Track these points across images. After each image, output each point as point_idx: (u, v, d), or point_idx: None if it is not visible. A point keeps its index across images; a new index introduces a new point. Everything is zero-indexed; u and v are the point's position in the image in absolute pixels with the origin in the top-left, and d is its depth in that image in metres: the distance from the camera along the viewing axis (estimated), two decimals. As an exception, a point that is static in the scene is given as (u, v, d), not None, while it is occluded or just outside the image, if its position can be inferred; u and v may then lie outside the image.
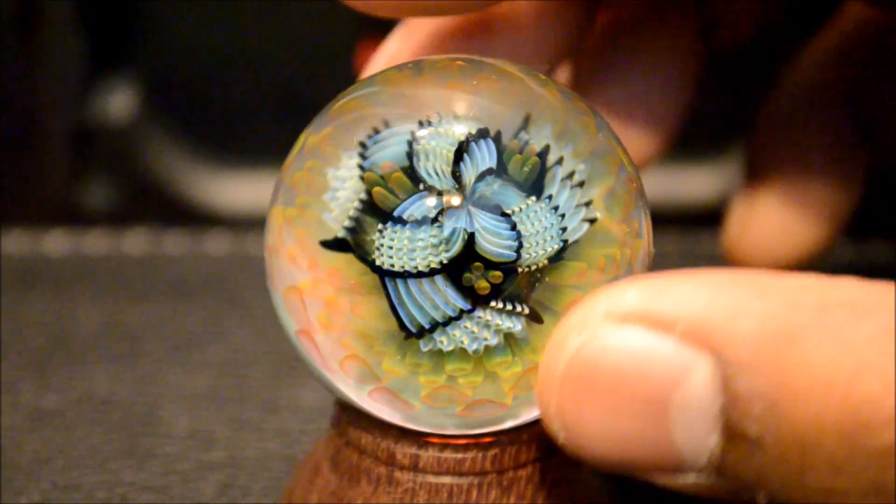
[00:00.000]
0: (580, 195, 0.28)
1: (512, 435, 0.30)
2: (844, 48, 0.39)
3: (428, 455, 0.29)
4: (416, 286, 0.28)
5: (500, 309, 0.28)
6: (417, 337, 0.28)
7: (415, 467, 0.29)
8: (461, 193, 0.28)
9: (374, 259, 0.28)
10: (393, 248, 0.28)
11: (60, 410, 0.38)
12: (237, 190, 0.57)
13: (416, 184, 0.28)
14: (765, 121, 0.40)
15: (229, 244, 0.48)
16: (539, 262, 0.28)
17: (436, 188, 0.27)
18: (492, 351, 0.28)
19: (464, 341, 0.28)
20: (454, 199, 0.28)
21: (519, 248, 0.27)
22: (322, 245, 0.28)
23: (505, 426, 0.29)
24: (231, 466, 0.36)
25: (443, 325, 0.28)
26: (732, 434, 0.25)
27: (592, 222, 0.28)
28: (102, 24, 0.55)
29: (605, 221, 0.28)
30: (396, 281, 0.28)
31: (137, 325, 0.43)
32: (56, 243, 0.48)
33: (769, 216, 0.38)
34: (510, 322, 0.28)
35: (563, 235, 0.28)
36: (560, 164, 0.28)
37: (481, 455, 0.29)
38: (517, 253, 0.27)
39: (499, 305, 0.28)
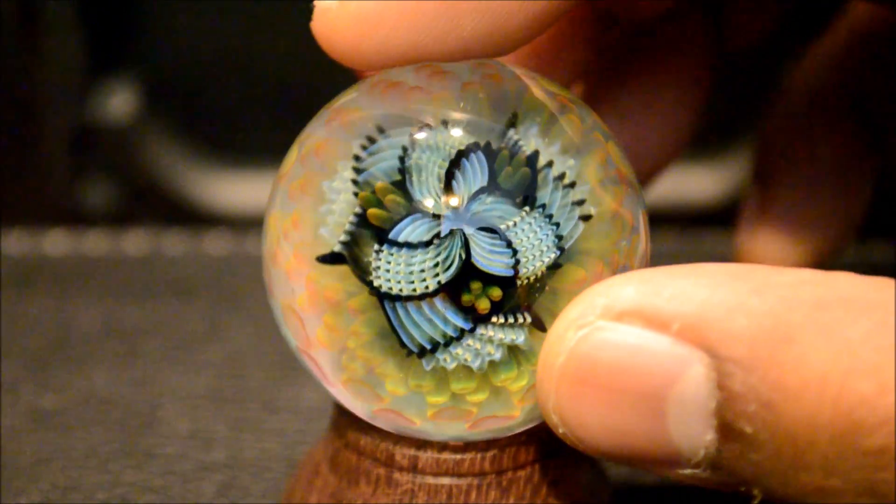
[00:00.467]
0: (572, 195, 0.28)
1: (511, 436, 0.30)
2: (849, 52, 0.39)
3: (427, 456, 0.29)
4: (416, 308, 0.28)
5: (502, 323, 0.28)
6: (419, 356, 0.28)
7: (414, 468, 0.29)
8: (455, 213, 0.27)
9: (372, 280, 0.28)
10: (390, 272, 0.27)
11: (60, 410, 0.38)
12: (237, 190, 0.57)
13: (411, 202, 0.28)
14: (772, 127, 0.40)
15: (229, 244, 0.48)
16: (538, 273, 0.28)
17: (430, 209, 0.27)
18: (497, 366, 0.28)
19: (467, 359, 0.28)
20: (448, 220, 0.27)
21: (516, 264, 0.27)
22: (318, 260, 0.28)
23: (512, 433, 0.29)
24: (231, 467, 0.36)
25: (444, 346, 0.28)
26: (728, 431, 0.25)
27: (587, 219, 0.28)
28: (102, 24, 0.55)
29: (599, 216, 0.28)
30: (395, 303, 0.28)
31: (137, 325, 0.43)
32: (56, 243, 0.48)
33: (780, 223, 0.38)
34: (513, 334, 0.28)
35: (560, 243, 0.28)
36: (550, 168, 0.28)
37: (480, 456, 0.29)
38: (514, 269, 0.27)
39: (500, 320, 0.28)
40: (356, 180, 0.28)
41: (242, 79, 0.56)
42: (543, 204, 0.28)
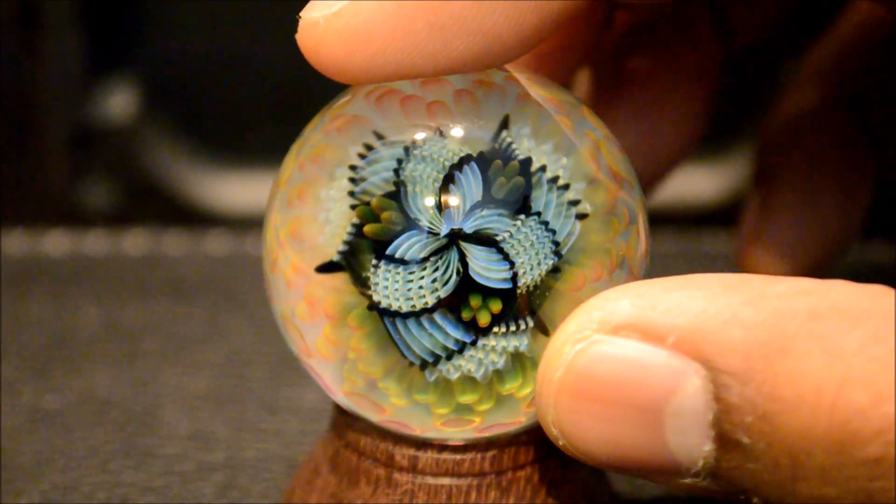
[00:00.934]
0: (566, 196, 0.28)
1: (511, 436, 0.30)
2: (848, 55, 0.39)
3: (427, 456, 0.29)
4: (416, 323, 0.28)
5: (504, 332, 0.28)
6: (421, 368, 0.28)
7: (414, 468, 0.29)
8: (451, 229, 0.27)
9: (371, 295, 0.28)
10: (388, 288, 0.27)
11: (60, 410, 0.38)
12: (237, 190, 0.57)
13: (407, 217, 0.27)
14: (772, 130, 0.40)
15: (229, 244, 0.48)
16: (538, 280, 0.28)
17: (425, 225, 0.27)
18: (501, 374, 0.28)
19: (470, 369, 0.28)
20: (444, 236, 0.27)
21: (514, 276, 0.27)
22: (317, 270, 0.28)
23: (517, 431, 0.29)
24: (231, 467, 0.36)
25: (446, 358, 0.28)
26: (726, 441, 0.25)
27: (582, 218, 0.28)
28: (102, 24, 0.55)
29: (594, 214, 0.28)
30: (395, 319, 0.28)
31: (137, 325, 0.43)
32: (56, 243, 0.48)
33: (781, 227, 0.38)
34: (515, 341, 0.28)
35: (557, 249, 0.28)
36: (544, 171, 0.28)
37: (480, 456, 0.29)
38: (513, 280, 0.27)
39: (502, 330, 0.28)
40: (353, 192, 0.28)
41: (242, 79, 0.56)
42: (539, 211, 0.28)
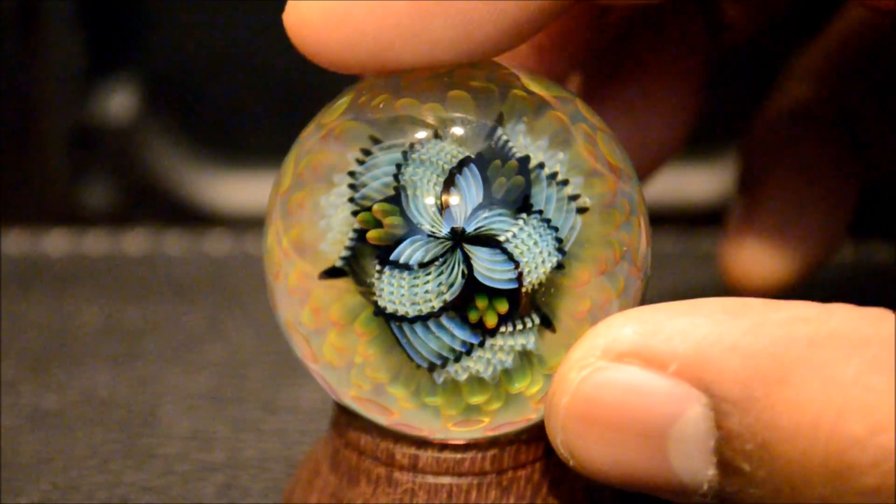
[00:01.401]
0: (566, 191, 0.28)
1: (511, 435, 0.30)
2: (834, 59, 0.39)
3: (427, 455, 0.29)
4: (423, 327, 0.28)
5: (511, 332, 0.28)
6: (429, 370, 0.28)
7: (414, 468, 0.29)
8: (453, 232, 0.27)
9: (377, 300, 0.28)
10: (394, 294, 0.27)
11: (60, 410, 0.38)
12: (237, 190, 0.57)
13: (409, 221, 0.27)
14: (758, 137, 0.40)
15: (229, 244, 0.48)
16: (542, 278, 0.28)
17: (428, 229, 0.27)
18: (510, 373, 0.28)
19: (479, 370, 0.28)
20: (447, 239, 0.27)
21: (519, 276, 0.27)
22: (321, 276, 0.28)
23: (524, 427, 0.29)
24: (231, 467, 0.36)
25: (454, 360, 0.28)
26: (728, 467, 0.26)
27: (583, 212, 0.28)
28: (102, 24, 0.55)
29: (595, 207, 0.28)
30: (402, 324, 0.28)
31: (137, 325, 0.43)
32: (56, 243, 0.48)
33: (766, 233, 0.38)
34: (523, 339, 0.28)
35: (560, 245, 0.28)
36: (542, 168, 0.28)
37: (480, 455, 0.29)
38: (518, 280, 0.27)
39: (508, 329, 0.28)
40: (353, 198, 0.28)
41: (242, 79, 0.56)
42: (540, 209, 0.28)
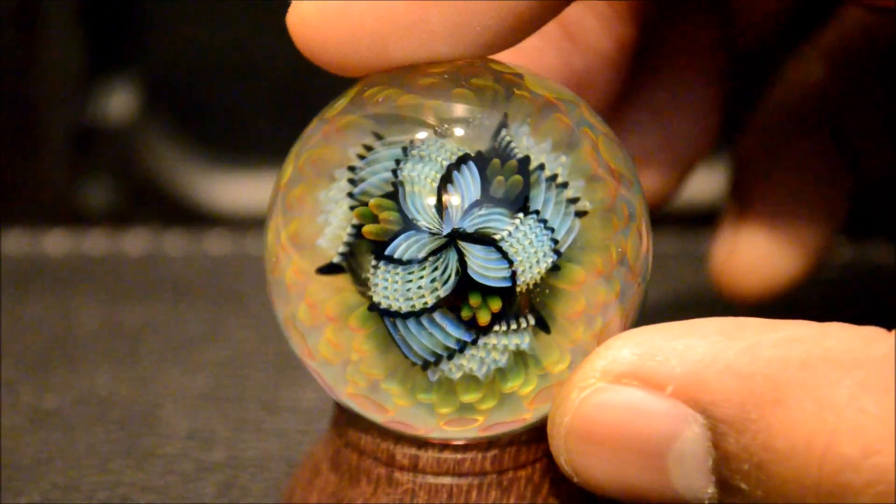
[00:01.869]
0: (565, 194, 0.28)
1: (512, 435, 0.30)
2: (827, 68, 0.39)
3: (427, 456, 0.29)
4: (416, 324, 0.28)
5: (505, 330, 0.28)
6: (423, 368, 0.28)
7: (414, 468, 0.29)
8: (448, 227, 0.27)
9: (371, 296, 0.28)
10: (388, 289, 0.27)
11: (60, 410, 0.38)
12: (237, 190, 0.57)
13: (405, 217, 0.28)
14: (750, 142, 0.40)
15: (229, 244, 0.48)
16: (537, 278, 0.28)
17: (423, 225, 0.27)
18: (504, 373, 0.28)
19: (472, 368, 0.28)
20: (442, 235, 0.27)
21: (513, 274, 0.27)
22: (318, 272, 0.28)
23: (522, 429, 0.29)
24: (231, 467, 0.36)
25: (448, 358, 0.28)
26: (726, 486, 0.26)
27: (582, 215, 0.28)
28: (102, 24, 0.55)
29: (594, 211, 0.28)
30: (395, 319, 0.28)
31: (137, 325, 0.43)
32: (56, 243, 0.48)
33: (755, 242, 0.38)
34: (517, 339, 0.28)
35: (556, 246, 0.28)
36: (542, 170, 0.28)
37: (481, 455, 0.29)
38: (512, 279, 0.27)
39: (503, 328, 0.28)
40: (352, 193, 0.28)
41: (243, 79, 0.56)
42: (537, 210, 0.28)
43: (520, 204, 0.28)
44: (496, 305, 0.27)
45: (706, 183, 0.56)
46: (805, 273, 0.38)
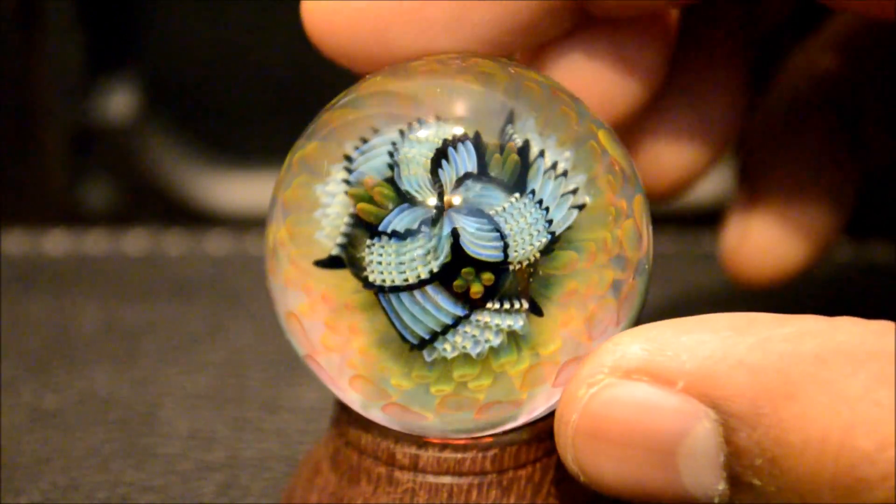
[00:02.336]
0: (565, 184, 0.28)
1: (512, 435, 0.30)
2: (835, 54, 0.39)
3: (428, 455, 0.29)
4: (410, 298, 0.28)
5: (498, 309, 0.28)
6: (419, 348, 0.28)
7: (415, 467, 0.29)
8: (442, 200, 0.27)
9: (367, 275, 0.28)
10: (382, 264, 0.28)
11: (60, 410, 0.38)
12: (237, 190, 0.57)
13: (400, 195, 0.28)
14: (758, 131, 0.40)
15: (229, 244, 0.48)
16: (530, 257, 0.28)
17: (417, 198, 0.27)
18: (497, 351, 0.28)
19: (466, 346, 0.28)
20: (436, 207, 0.27)
21: (506, 248, 0.27)
22: (316, 265, 0.28)
23: (519, 422, 0.29)
24: (231, 466, 0.36)
25: (442, 334, 0.28)
26: (737, 482, 0.26)
27: (580, 208, 0.28)
28: (102, 24, 0.55)
29: (593, 206, 0.28)
30: (390, 296, 0.28)
31: (137, 325, 0.43)
32: (56, 243, 0.48)
33: (765, 229, 0.38)
34: (510, 320, 0.28)
35: (551, 227, 0.28)
36: (542, 157, 0.28)
37: (481, 455, 0.29)
38: (504, 252, 0.27)
39: (495, 306, 0.28)
40: (348, 180, 0.28)
41: (243, 79, 0.56)
42: (533, 190, 0.28)
43: (516, 185, 0.28)
44: (488, 278, 0.27)
45: (706, 183, 0.56)
46: (815, 259, 0.38)
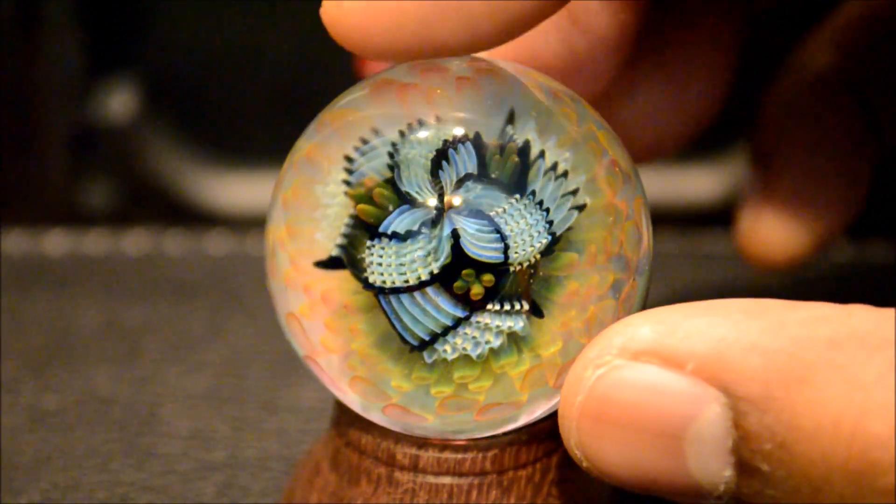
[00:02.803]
0: (565, 185, 0.28)
1: (512, 435, 0.30)
2: (848, 40, 0.39)
3: (428, 455, 0.29)
4: (410, 300, 0.28)
5: (498, 310, 0.28)
6: (420, 350, 0.28)
7: (415, 468, 0.29)
8: (443, 202, 0.27)
9: (367, 276, 0.28)
10: (382, 265, 0.28)
11: (60, 410, 0.38)
12: (237, 190, 0.57)
13: (400, 196, 0.28)
14: (772, 113, 0.39)
15: (229, 244, 0.48)
16: (531, 258, 0.28)
17: (418, 199, 0.27)
18: (497, 353, 0.28)
19: (466, 347, 0.28)
20: (436, 209, 0.27)
21: (506, 249, 0.27)
22: (316, 266, 0.28)
23: (520, 423, 0.29)
24: (231, 466, 0.36)
25: (442, 335, 0.28)
26: (745, 468, 0.25)
27: (581, 209, 0.28)
28: (102, 24, 0.55)
29: (593, 206, 0.28)
30: (390, 297, 0.28)
31: (137, 325, 0.43)
32: (56, 243, 0.48)
33: (780, 213, 0.38)
34: (511, 321, 0.28)
35: (551, 229, 0.28)
36: (542, 158, 0.28)
37: (481, 455, 0.29)
38: (504, 254, 0.27)
39: (496, 307, 0.28)
40: (348, 181, 0.28)
41: (243, 79, 0.56)
42: (534, 191, 0.28)
43: (517, 186, 0.28)
44: (488, 279, 0.27)
45: (706, 183, 0.56)
46: (830, 239, 0.38)
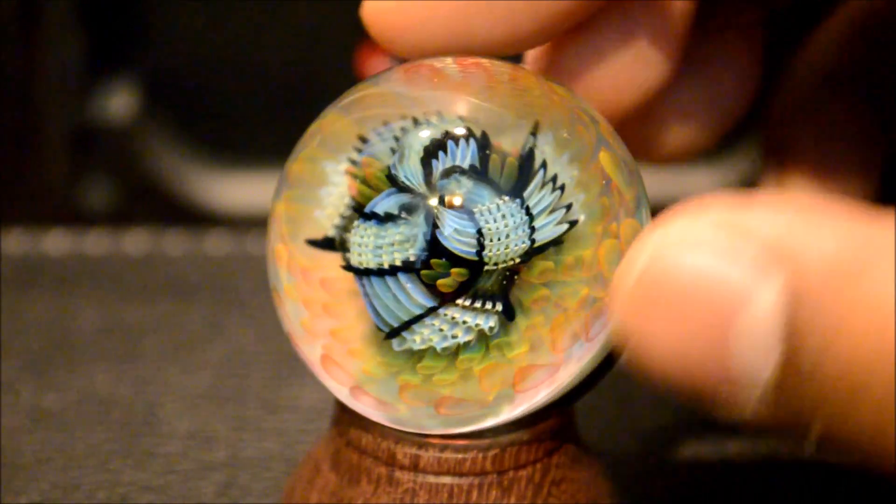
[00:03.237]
0: (561, 198, 0.28)
1: (512, 435, 0.30)
2: (859, 31, 0.39)
3: (428, 455, 0.29)
4: (383, 285, 0.28)
5: (469, 306, 0.28)
6: (390, 337, 0.28)
7: (415, 467, 0.30)
8: (430, 191, 0.28)
9: (349, 257, 0.28)
10: (362, 246, 0.28)
11: (60, 410, 0.38)
12: (237, 190, 0.57)
13: (392, 181, 0.28)
14: (783, 108, 0.39)
15: (229, 244, 0.48)
16: (509, 261, 0.28)
17: (405, 184, 0.28)
18: (464, 349, 0.28)
19: (433, 339, 0.28)
20: (421, 196, 0.28)
21: (481, 247, 0.27)
22: (308, 244, 0.28)
23: (486, 424, 0.29)
24: (231, 466, 0.36)
25: (411, 324, 0.28)
26: (788, 364, 0.25)
27: (572, 225, 0.28)
28: (102, 24, 0.55)
29: (583, 224, 0.28)
30: (367, 280, 0.28)
31: (137, 325, 0.43)
32: (56, 243, 0.48)
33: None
34: (481, 319, 0.28)
35: (533, 235, 0.28)
36: (544, 168, 0.28)
37: (482, 455, 0.29)
38: (479, 251, 0.27)
39: (466, 303, 0.28)
40: (354, 161, 0.28)
41: (243, 79, 0.56)
42: (524, 197, 0.28)
43: (511, 189, 0.28)
44: (460, 274, 0.27)
45: (706, 183, 0.56)
46: None
